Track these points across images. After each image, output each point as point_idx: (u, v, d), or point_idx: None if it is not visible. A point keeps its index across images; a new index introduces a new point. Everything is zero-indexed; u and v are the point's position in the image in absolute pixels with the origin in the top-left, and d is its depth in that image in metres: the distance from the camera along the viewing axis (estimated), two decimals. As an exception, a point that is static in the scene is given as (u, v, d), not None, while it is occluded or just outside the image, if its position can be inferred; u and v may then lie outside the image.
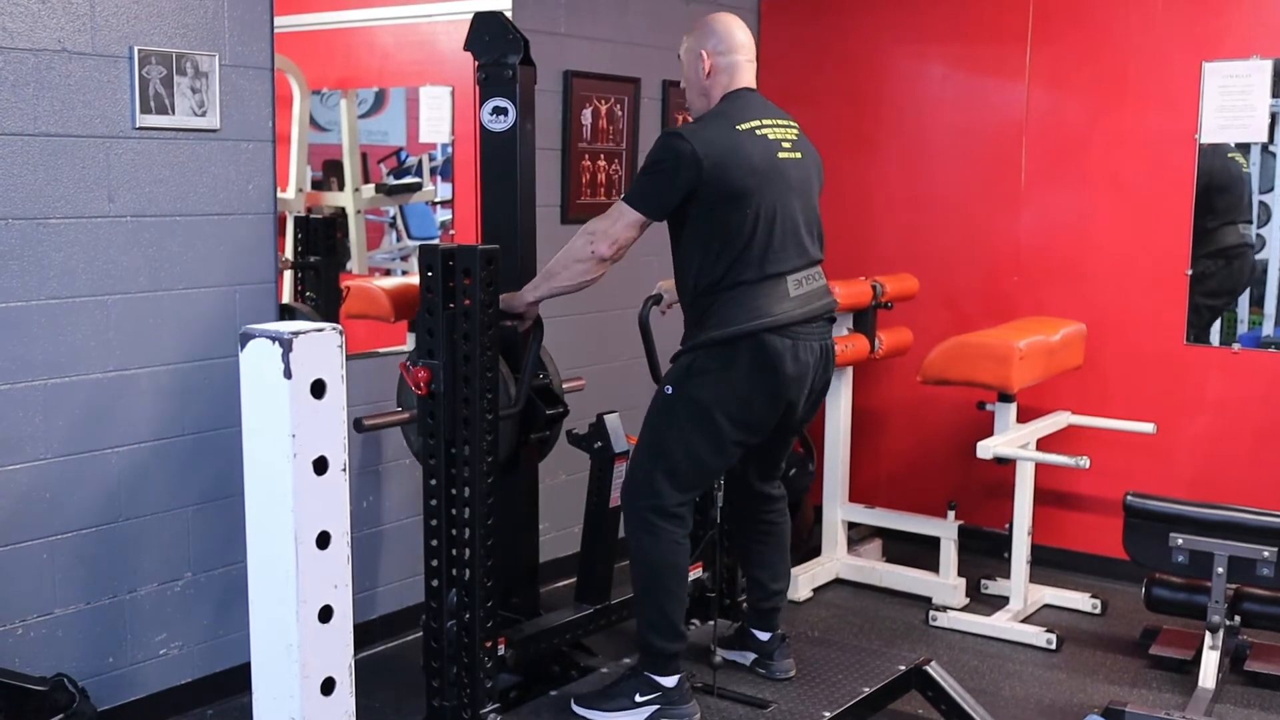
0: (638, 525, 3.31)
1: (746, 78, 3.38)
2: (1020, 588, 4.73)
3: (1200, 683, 3.99)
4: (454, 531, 3.23)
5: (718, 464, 3.36)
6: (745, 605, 3.87)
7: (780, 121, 3.35)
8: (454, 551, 3.24)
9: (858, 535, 5.35)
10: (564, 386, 3.82)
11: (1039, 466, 4.80)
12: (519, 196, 3.69)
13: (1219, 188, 4.92)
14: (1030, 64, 5.27)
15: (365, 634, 4.20)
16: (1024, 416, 4.85)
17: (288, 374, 2.43)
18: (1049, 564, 5.13)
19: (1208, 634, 4.05)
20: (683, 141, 3.17)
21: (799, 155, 3.34)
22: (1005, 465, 4.73)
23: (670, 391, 3.29)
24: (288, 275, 4.12)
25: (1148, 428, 4.86)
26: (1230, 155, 4.89)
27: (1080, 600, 4.87)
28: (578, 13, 4.93)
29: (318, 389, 2.48)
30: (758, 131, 3.26)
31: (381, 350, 4.34)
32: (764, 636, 3.65)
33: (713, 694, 3.47)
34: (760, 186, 3.20)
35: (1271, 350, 4.86)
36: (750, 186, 3.18)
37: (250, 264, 3.86)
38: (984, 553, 5.23)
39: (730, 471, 3.53)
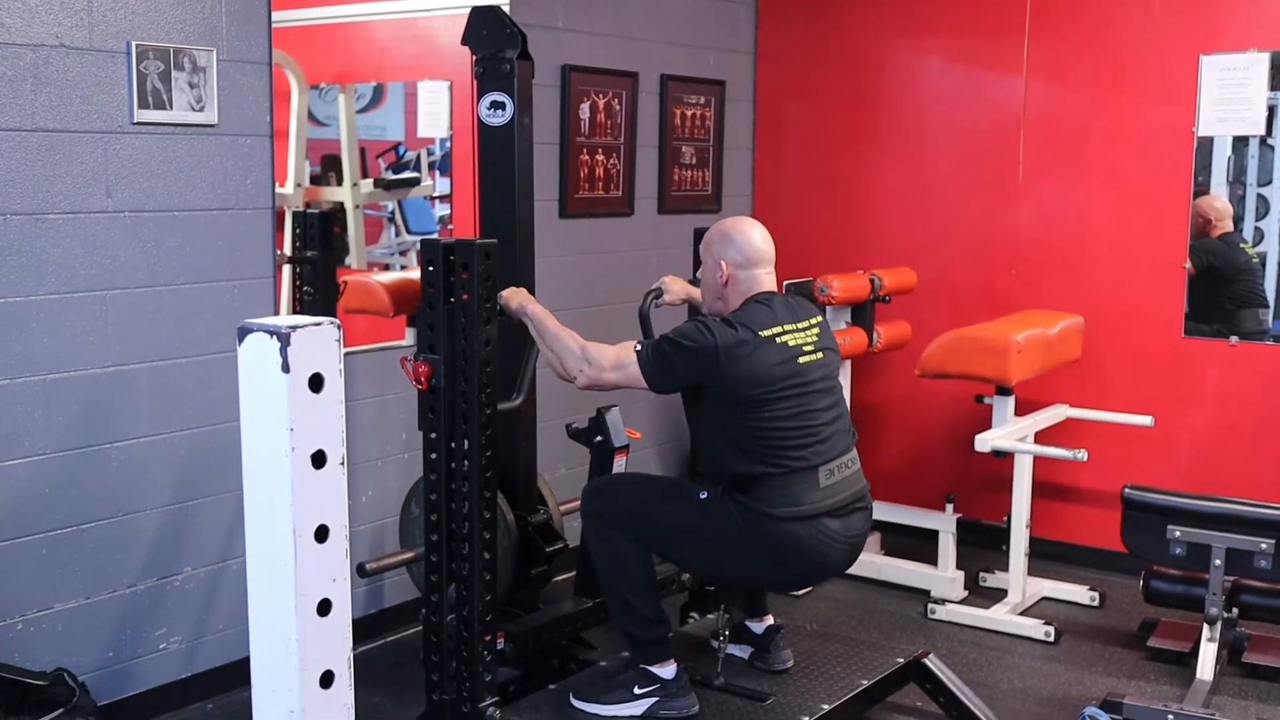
0: (593, 524, 3.36)
1: (766, 286, 3.34)
2: (1018, 580, 4.73)
3: (1198, 675, 4.00)
4: (453, 525, 3.24)
5: (684, 564, 3.40)
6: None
7: (801, 324, 3.29)
8: (453, 546, 3.24)
9: (856, 529, 5.35)
10: (563, 510, 3.89)
11: (1037, 459, 4.80)
12: (517, 191, 3.69)
13: (1229, 276, 4.95)
14: (1028, 57, 5.27)
15: (365, 628, 4.21)
16: (1022, 410, 4.85)
17: (285, 368, 2.44)
18: (1047, 557, 5.14)
19: (1205, 626, 4.06)
20: (711, 337, 3.13)
21: (820, 356, 3.30)
22: (1003, 458, 4.74)
23: (704, 499, 3.24)
24: (286, 270, 4.12)
25: (1146, 420, 4.86)
26: (1240, 245, 4.90)
27: (1078, 593, 4.87)
28: (575, 7, 4.93)
29: (315, 383, 2.49)
30: (778, 339, 3.22)
31: (379, 345, 4.34)
32: (758, 629, 3.65)
33: (711, 686, 3.48)
34: (779, 396, 3.17)
35: (1270, 343, 4.87)
36: (766, 398, 3.15)
37: (248, 259, 3.86)
38: (982, 546, 5.24)
39: None
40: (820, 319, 3.39)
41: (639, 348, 3.20)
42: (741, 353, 3.14)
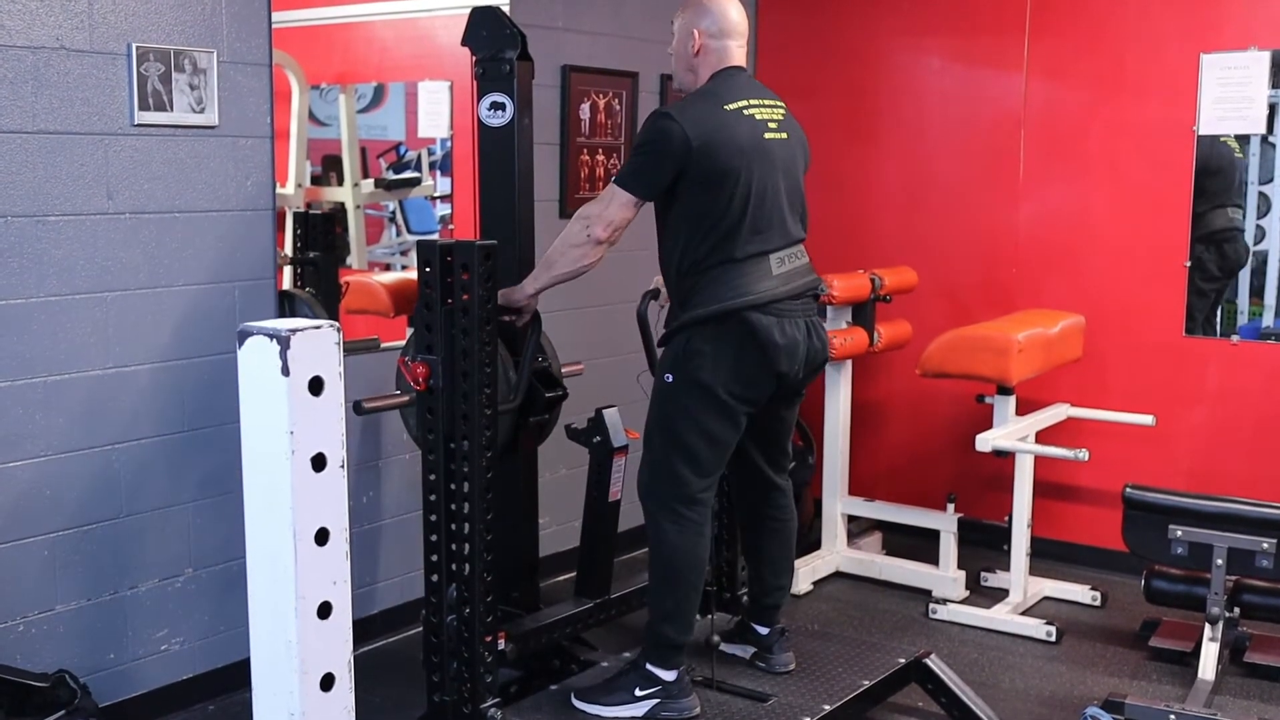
0: (664, 516, 3.32)
1: (736, 59, 3.39)
2: (1020, 580, 4.73)
3: (1200, 674, 4.00)
4: (453, 526, 3.24)
5: (731, 437, 3.35)
6: (746, 599, 3.88)
7: (767, 101, 3.37)
8: (453, 546, 3.24)
9: (857, 528, 5.36)
10: (563, 370, 3.82)
11: (1038, 459, 4.80)
12: (517, 191, 3.69)
13: (1210, 171, 4.92)
14: (1028, 56, 5.26)
15: (365, 629, 4.21)
16: (1023, 409, 4.85)
17: (285, 371, 2.43)
18: (1048, 556, 5.14)
19: (1207, 626, 4.06)
20: (671, 122, 3.19)
21: (785, 135, 3.36)
22: (1004, 458, 4.74)
23: (670, 379, 3.30)
24: (287, 271, 4.12)
25: (1147, 420, 4.86)
26: (1223, 140, 4.89)
27: (1080, 592, 4.87)
28: (575, 7, 4.93)
29: (315, 386, 2.48)
30: (745, 111, 3.27)
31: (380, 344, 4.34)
32: (763, 631, 3.66)
33: (712, 687, 3.48)
34: (746, 165, 3.22)
35: (1271, 341, 4.86)
36: (736, 166, 3.20)
37: (249, 260, 3.86)
38: (983, 545, 5.24)
39: (740, 463, 3.54)
40: (785, 106, 3.41)
41: (615, 179, 3.27)
42: (707, 123, 3.19)
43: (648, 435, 3.40)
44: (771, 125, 3.32)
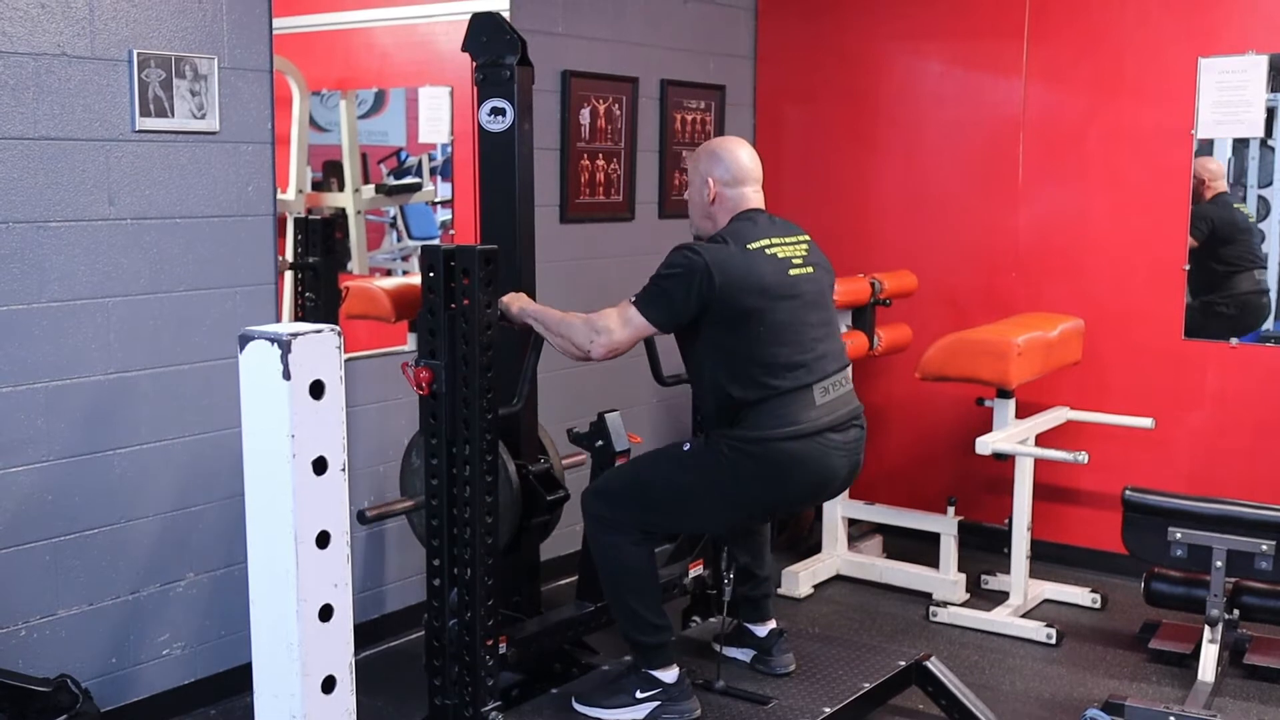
0: (595, 527, 3.36)
1: (753, 203, 3.36)
2: (1020, 583, 4.74)
3: (1199, 676, 4.00)
4: (455, 530, 3.25)
5: (688, 529, 3.40)
6: (732, 598, 3.83)
7: (789, 239, 3.32)
8: (455, 550, 3.25)
9: (858, 532, 5.36)
10: (564, 463, 3.87)
11: (1038, 462, 4.81)
12: (517, 196, 3.70)
13: (1224, 238, 4.94)
14: (1027, 60, 5.28)
15: (367, 633, 4.22)
16: (1023, 412, 4.86)
17: (286, 375, 2.45)
18: (1048, 559, 5.15)
19: (1207, 628, 4.06)
20: (697, 256, 3.15)
21: (810, 270, 3.32)
22: (1004, 461, 4.74)
23: (687, 450, 3.28)
24: (288, 276, 4.13)
25: (1146, 422, 4.87)
26: (1236, 206, 4.91)
27: (1080, 595, 4.88)
28: (575, 13, 4.94)
29: (316, 390, 2.50)
30: (767, 250, 3.23)
31: (381, 350, 4.35)
32: (760, 632, 3.66)
33: (713, 690, 3.48)
34: (771, 305, 3.18)
35: (1270, 345, 4.87)
36: (760, 306, 3.16)
37: (250, 265, 3.87)
38: (984, 548, 5.24)
39: None
40: (809, 238, 3.40)
41: (634, 299, 3.22)
42: (731, 264, 3.15)
43: (634, 463, 3.41)
44: (796, 261, 3.29)
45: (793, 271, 3.26)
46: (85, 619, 3.56)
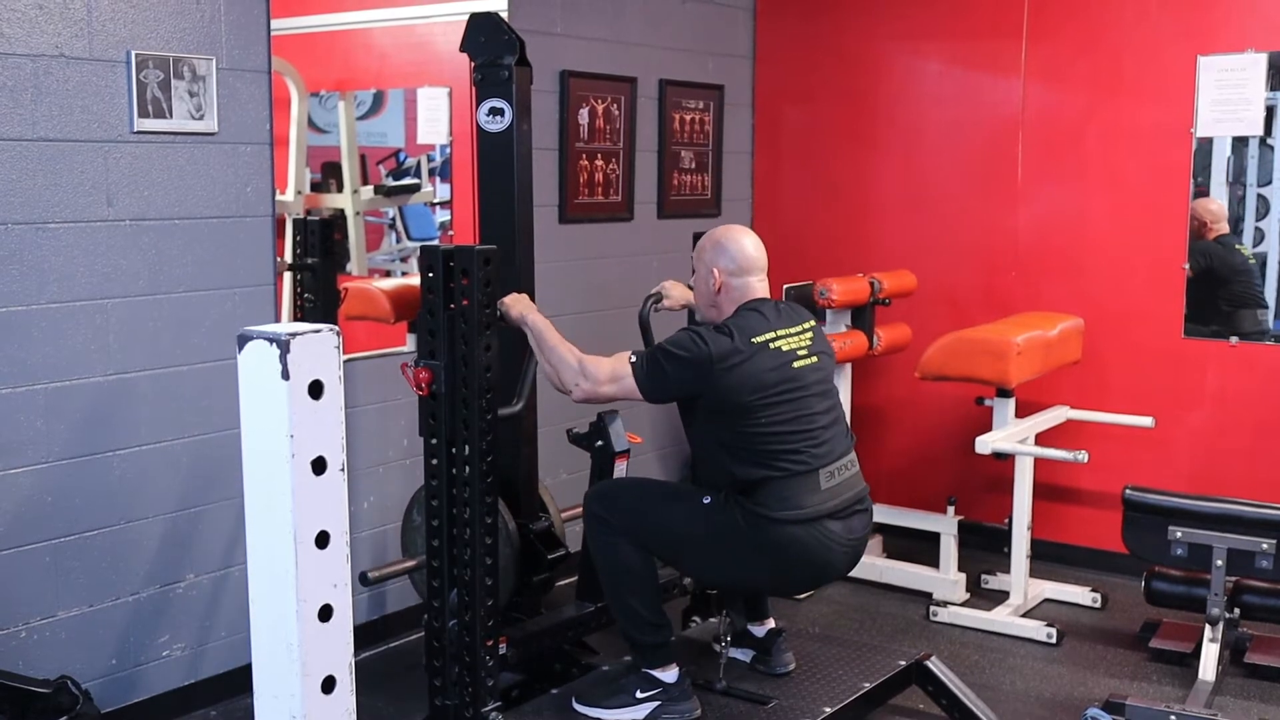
0: (595, 528, 3.36)
1: (759, 292, 3.36)
2: (1020, 582, 4.74)
3: (1200, 675, 4.00)
4: (455, 531, 3.25)
5: (683, 568, 3.42)
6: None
7: (794, 329, 3.32)
8: (455, 551, 3.25)
9: (858, 531, 5.35)
10: (565, 517, 3.91)
11: (1038, 461, 4.81)
12: (516, 197, 3.70)
13: (1224, 278, 4.95)
14: (1026, 59, 5.28)
15: (368, 633, 4.22)
16: (1022, 411, 4.85)
17: (285, 375, 2.44)
18: (1049, 558, 5.14)
19: (1207, 627, 4.06)
20: (704, 346, 3.15)
21: (815, 360, 3.32)
22: (1004, 460, 4.74)
23: (707, 503, 3.26)
24: (287, 277, 4.13)
25: (1146, 421, 4.87)
26: (1237, 248, 4.91)
27: (1080, 594, 4.88)
28: (574, 13, 4.94)
29: (315, 390, 2.49)
30: (771, 345, 3.24)
31: (380, 351, 4.35)
32: (759, 632, 3.66)
33: (714, 690, 3.48)
34: (773, 402, 3.18)
35: (1270, 343, 4.87)
36: (760, 404, 3.17)
37: (249, 266, 3.87)
38: (984, 548, 5.24)
39: None
40: (813, 323, 3.41)
41: (634, 359, 3.21)
42: (735, 361, 3.16)
43: (651, 485, 3.42)
44: (800, 352, 3.29)
45: (797, 364, 3.26)
46: (85, 620, 3.56)
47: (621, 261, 5.24)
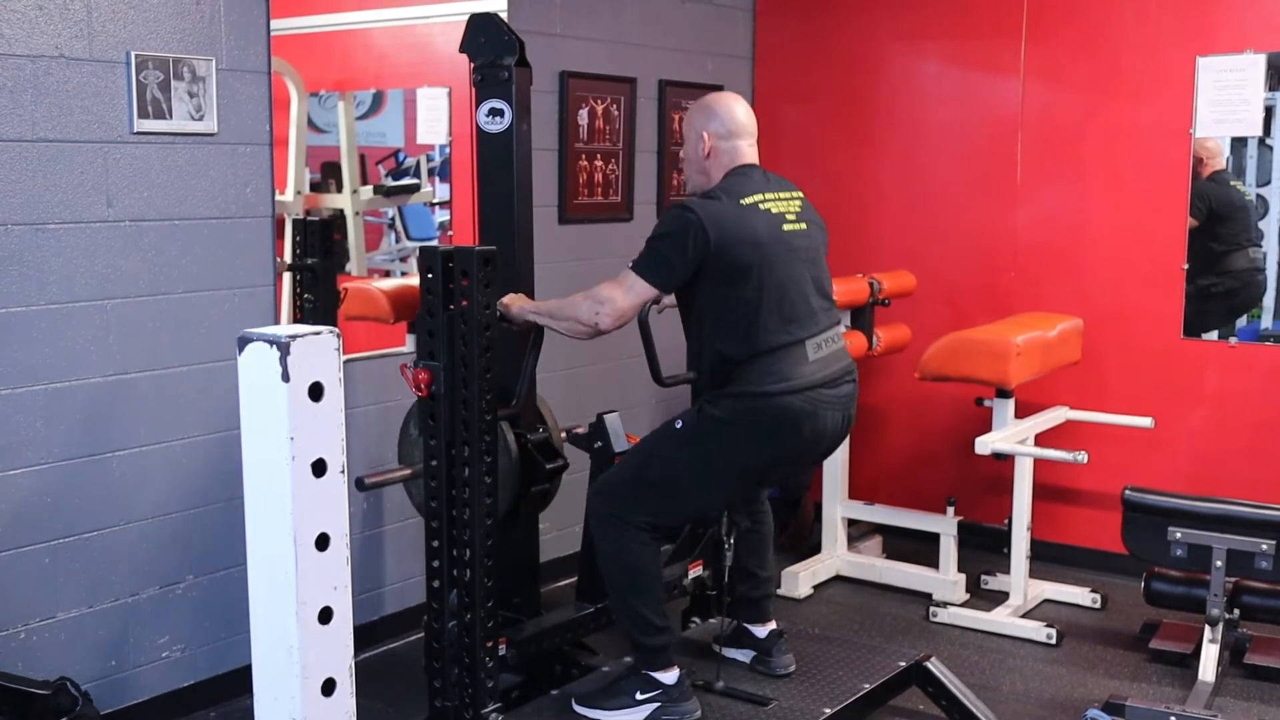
0: (601, 526, 3.35)
1: (748, 158, 3.39)
2: (1020, 583, 4.74)
3: (1200, 676, 4.00)
4: (454, 532, 3.24)
5: (694, 513, 3.40)
6: (733, 597, 3.83)
7: (783, 194, 3.35)
8: (455, 552, 3.25)
9: (857, 532, 5.36)
10: (563, 435, 3.87)
11: (1037, 462, 4.81)
12: (516, 197, 3.70)
13: (1223, 216, 4.94)
14: (1025, 60, 5.28)
15: (367, 635, 4.22)
16: (1022, 412, 4.85)
17: (285, 377, 2.44)
18: (1048, 559, 5.14)
19: (1207, 627, 4.06)
20: (692, 214, 3.17)
21: (804, 226, 3.35)
22: (1004, 461, 4.74)
23: (679, 427, 3.28)
24: (286, 278, 4.13)
25: (1146, 422, 4.87)
26: (1234, 184, 4.90)
27: (1080, 595, 4.88)
28: (573, 13, 4.94)
29: (315, 392, 2.49)
30: (761, 206, 3.26)
31: (379, 352, 4.35)
32: (760, 633, 3.66)
33: (714, 691, 3.48)
34: (765, 259, 3.20)
35: (1269, 344, 4.87)
36: (755, 260, 3.19)
37: (249, 267, 3.87)
38: (983, 548, 5.24)
39: None
40: (803, 195, 3.42)
41: (632, 265, 3.24)
42: (725, 220, 3.18)
43: (631, 453, 3.41)
44: (790, 216, 3.31)
45: (786, 227, 3.29)
46: (84, 621, 3.56)
47: (621, 262, 5.17)
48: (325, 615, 2.56)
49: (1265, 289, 4.87)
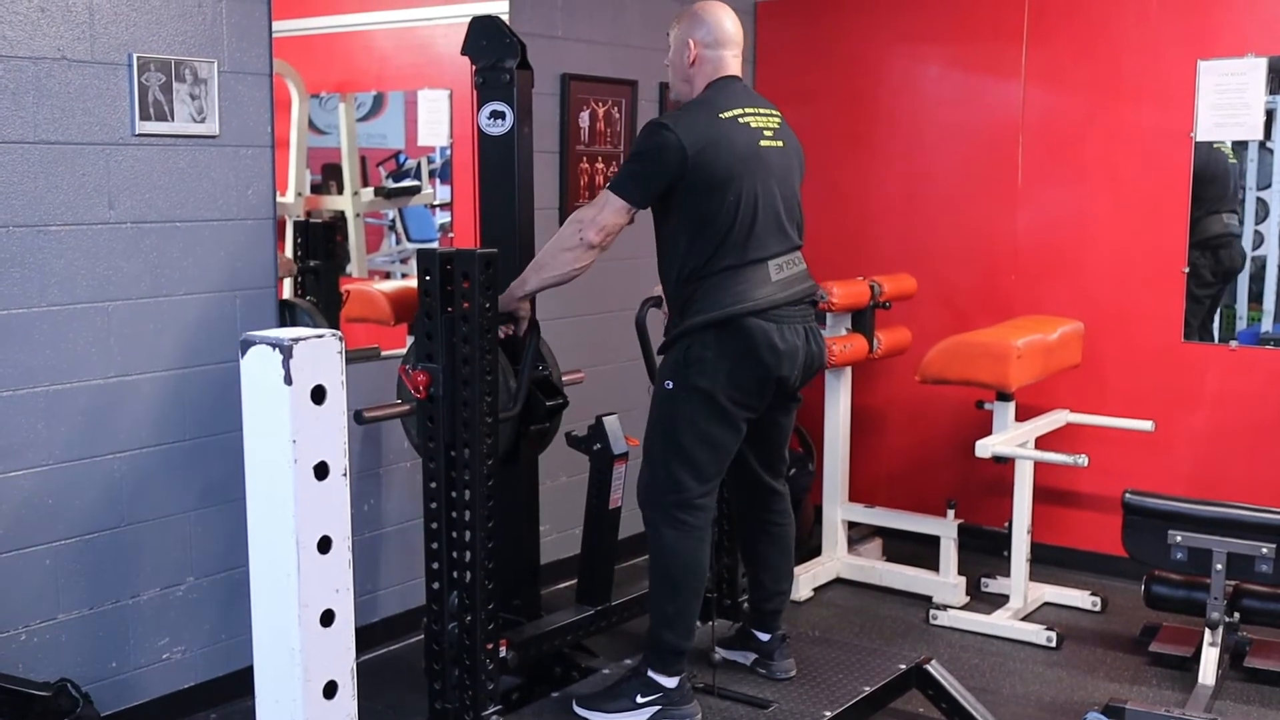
0: (663, 521, 3.33)
1: (732, 69, 3.42)
2: (1020, 586, 4.74)
3: (1200, 679, 4.01)
4: (454, 534, 3.24)
5: (731, 443, 3.36)
6: (746, 605, 3.89)
7: (762, 110, 3.39)
8: (455, 554, 3.25)
9: (858, 535, 5.36)
10: (564, 379, 3.83)
11: (1038, 465, 4.81)
12: (517, 200, 3.70)
13: (1206, 179, 4.94)
14: (1026, 62, 5.28)
15: (367, 637, 4.21)
16: (1022, 415, 4.86)
17: (288, 380, 2.44)
18: (1049, 562, 5.15)
19: (1207, 631, 4.07)
20: (668, 131, 3.21)
21: (780, 144, 3.39)
22: (1004, 464, 4.74)
23: (671, 386, 3.32)
24: (288, 279, 4.13)
25: (1146, 425, 4.87)
26: (1217, 147, 4.91)
27: (1080, 598, 4.88)
28: (575, 16, 4.94)
29: (318, 395, 2.49)
30: (740, 119, 3.30)
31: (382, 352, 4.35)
32: (764, 637, 3.66)
33: (713, 694, 3.48)
34: (742, 173, 3.25)
35: (1270, 347, 4.87)
36: (732, 174, 3.23)
37: (250, 269, 3.87)
38: (984, 551, 5.24)
39: (738, 469, 3.54)
40: (780, 115, 3.44)
41: (610, 184, 3.28)
42: (702, 134, 3.21)
43: (648, 442, 3.41)
44: (767, 133, 3.35)
45: (763, 143, 3.32)
46: (85, 623, 3.56)
47: (621, 264, 5.22)
48: (327, 618, 2.56)
49: (1244, 260, 4.89)
